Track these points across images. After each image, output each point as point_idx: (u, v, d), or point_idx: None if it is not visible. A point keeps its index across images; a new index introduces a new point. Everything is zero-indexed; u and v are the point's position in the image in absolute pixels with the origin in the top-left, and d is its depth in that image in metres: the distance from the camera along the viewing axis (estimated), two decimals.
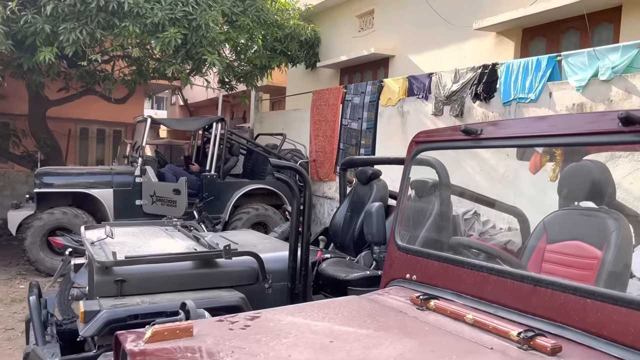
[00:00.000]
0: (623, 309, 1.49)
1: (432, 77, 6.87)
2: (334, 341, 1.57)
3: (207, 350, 1.45)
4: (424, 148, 2.41)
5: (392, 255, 2.37)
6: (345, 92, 8.73)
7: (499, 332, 1.61)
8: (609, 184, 2.60)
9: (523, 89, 5.58)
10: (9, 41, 6.80)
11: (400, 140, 7.42)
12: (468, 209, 4.26)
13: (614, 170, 2.58)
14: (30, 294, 3.20)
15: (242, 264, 3.14)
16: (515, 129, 1.99)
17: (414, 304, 1.94)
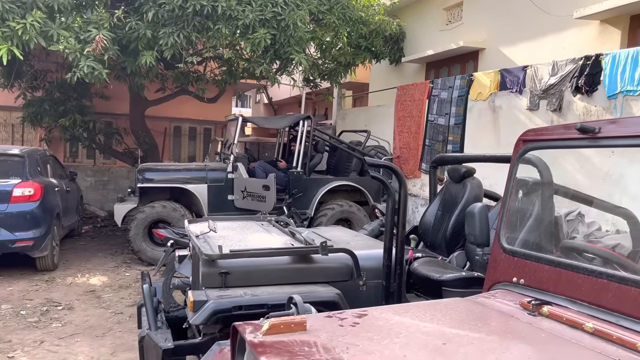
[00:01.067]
0: None
1: (527, 70, 6.56)
2: (447, 344, 1.56)
3: (322, 345, 1.49)
4: (533, 147, 2.31)
5: (497, 257, 2.30)
6: (431, 87, 8.56)
7: (624, 342, 1.51)
8: None
9: (632, 80, 5.18)
10: (116, 46, 7.32)
11: (491, 136, 7.16)
12: (571, 210, 4.02)
13: None
14: (144, 283, 3.45)
15: (337, 261, 3.19)
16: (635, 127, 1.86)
17: (524, 308, 1.87)
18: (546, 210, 2.76)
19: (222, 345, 2.08)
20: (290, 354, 1.43)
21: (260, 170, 7.76)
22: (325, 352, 1.44)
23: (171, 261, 4.64)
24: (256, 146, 10.64)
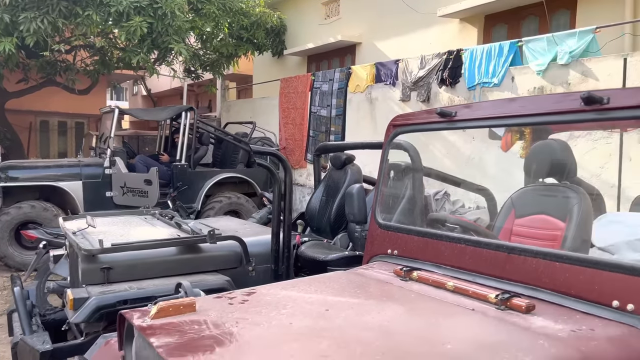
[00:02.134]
0: (587, 269, 1.66)
1: (399, 63, 7.03)
2: (330, 310, 1.69)
3: (212, 322, 1.54)
4: (402, 131, 2.54)
5: (374, 233, 2.50)
6: (313, 80, 8.80)
7: (478, 296, 1.76)
8: (570, 161, 2.80)
9: (487, 73, 5.80)
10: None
11: (370, 126, 7.58)
12: (438, 190, 4.45)
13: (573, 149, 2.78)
14: (14, 286, 3.20)
15: (226, 249, 3.23)
16: (488, 110, 2.14)
17: (397, 275, 2.07)
18: (416, 189, 3.03)
19: (107, 338, 2.03)
20: (180, 333, 1.46)
21: (141, 164, 7.44)
22: (215, 328, 1.49)
23: (44, 263, 4.33)
24: (135, 140, 10.15)
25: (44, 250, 4.59)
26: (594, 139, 4.60)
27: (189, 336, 1.44)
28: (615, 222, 2.71)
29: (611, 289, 1.57)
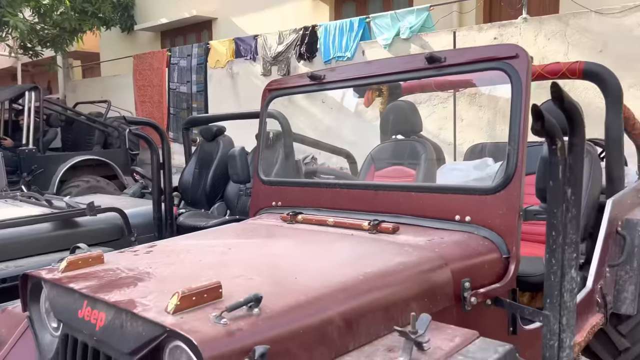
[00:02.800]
0: (435, 195, 2.08)
1: (258, 38, 7.24)
2: (231, 248, 1.89)
3: (126, 267, 1.65)
4: (276, 95, 2.78)
5: (258, 188, 2.73)
6: (170, 56, 8.63)
7: (354, 225, 2.09)
8: (417, 119, 3.31)
9: (340, 48, 6.29)
10: None
11: (233, 100, 7.71)
12: (306, 155, 4.80)
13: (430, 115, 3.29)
14: None
15: (106, 221, 3.21)
16: (351, 72, 2.47)
17: (284, 220, 2.34)
18: (288, 153, 3.31)
19: (3, 307, 2.00)
20: (98, 278, 1.56)
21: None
22: (130, 271, 1.62)
23: None
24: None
25: None
26: (433, 104, 5.32)
27: (107, 279, 1.55)
28: (453, 169, 3.28)
29: (453, 208, 2.01)
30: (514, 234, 1.84)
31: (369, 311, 1.45)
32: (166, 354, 1.25)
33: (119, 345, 1.31)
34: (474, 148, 3.61)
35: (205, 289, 1.30)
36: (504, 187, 1.87)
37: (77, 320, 1.47)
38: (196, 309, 1.26)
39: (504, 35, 5.00)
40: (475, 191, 1.97)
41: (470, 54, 2.05)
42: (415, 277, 1.63)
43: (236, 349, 1.15)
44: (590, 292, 2.34)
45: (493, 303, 1.80)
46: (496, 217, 1.88)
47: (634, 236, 2.56)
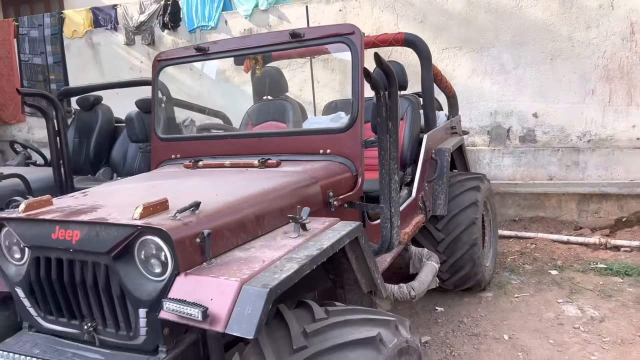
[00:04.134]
0: (304, 137, 2.83)
1: (118, 8, 7.29)
2: (156, 185, 2.44)
3: (78, 203, 2.13)
4: (165, 64, 3.27)
5: (156, 145, 3.24)
6: (17, 26, 8.20)
7: (247, 164, 2.75)
8: (284, 82, 4.00)
9: (204, 18, 6.69)
10: None
11: (95, 70, 7.68)
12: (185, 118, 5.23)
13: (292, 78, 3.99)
14: None
15: (9, 187, 3.45)
16: (231, 44, 3.06)
17: (187, 167, 2.91)
18: (171, 116, 3.80)
19: None
20: (60, 211, 2.03)
21: None
22: (84, 204, 2.10)
23: None
24: None
25: None
26: (293, 69, 6.06)
27: (69, 210, 2.03)
28: (314, 122, 4.05)
29: (318, 145, 2.76)
30: (359, 158, 2.66)
31: (269, 211, 2.15)
32: (136, 248, 1.82)
33: (97, 248, 1.83)
34: (329, 105, 4.43)
35: (157, 202, 1.88)
36: (351, 127, 2.67)
37: (51, 241, 1.94)
38: (155, 215, 1.84)
39: (347, 8, 5.87)
40: (332, 131, 2.75)
41: (322, 31, 2.79)
42: (297, 190, 2.36)
43: (191, 234, 1.77)
44: (414, 199, 3.30)
45: (349, 206, 2.62)
46: (347, 148, 2.68)
47: (442, 160, 3.59)
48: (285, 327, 1.78)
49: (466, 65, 5.45)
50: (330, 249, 1.94)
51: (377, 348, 1.71)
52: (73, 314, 2.00)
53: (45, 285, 2.00)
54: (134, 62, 7.30)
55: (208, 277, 1.68)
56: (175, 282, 1.71)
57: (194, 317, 1.56)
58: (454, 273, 3.64)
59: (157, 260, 1.78)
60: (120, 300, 1.85)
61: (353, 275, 2.30)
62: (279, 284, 1.61)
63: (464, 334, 3.34)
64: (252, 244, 1.99)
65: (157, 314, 1.76)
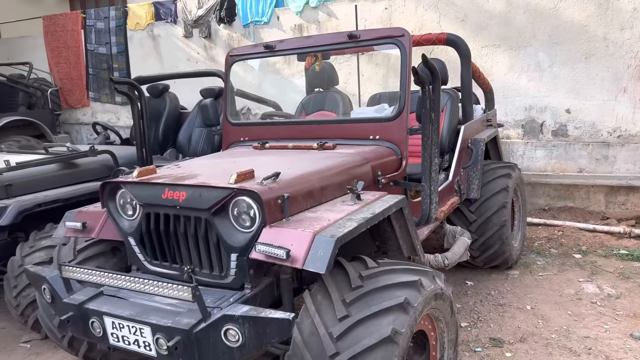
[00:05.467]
0: (355, 124, 3.29)
1: (177, 3, 7.88)
2: (235, 162, 2.96)
3: (178, 172, 2.66)
4: (237, 59, 3.78)
5: (227, 129, 3.76)
6: (84, 18, 8.91)
7: (307, 147, 3.24)
8: (335, 76, 4.47)
9: (257, 13, 7.20)
10: None
11: (155, 61, 8.31)
12: (243, 107, 5.79)
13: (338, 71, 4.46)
14: None
15: (99, 162, 4.06)
16: (295, 43, 3.55)
17: (256, 148, 3.42)
18: (233, 103, 4.31)
19: (72, 214, 2.85)
20: (167, 175, 2.55)
21: None
22: (185, 172, 2.63)
23: None
24: None
25: None
26: (339, 62, 6.50)
27: (174, 176, 2.56)
28: (361, 112, 4.50)
29: (368, 132, 3.23)
30: (404, 143, 3.11)
31: (330, 183, 2.63)
32: (231, 206, 2.32)
33: (200, 205, 2.35)
34: (373, 97, 4.87)
35: (246, 172, 2.39)
36: (398, 116, 3.12)
37: (161, 200, 2.47)
38: (246, 181, 2.35)
39: (392, 6, 6.27)
40: (381, 120, 3.21)
41: (376, 33, 3.24)
42: (351, 168, 2.83)
43: (274, 196, 2.26)
44: (451, 183, 3.73)
45: (394, 184, 3.08)
46: (394, 134, 3.14)
47: (478, 149, 3.99)
48: (344, 273, 2.26)
49: (504, 63, 5.79)
50: (381, 214, 2.40)
51: (418, 289, 2.17)
52: (174, 259, 2.53)
53: (154, 235, 2.53)
54: (191, 54, 7.90)
55: (288, 229, 2.17)
56: (262, 233, 2.21)
57: (280, 256, 2.05)
58: (483, 251, 4.05)
59: (247, 215, 2.28)
60: (216, 247, 2.37)
61: (396, 242, 2.76)
62: (343, 235, 2.08)
63: (490, 304, 3.76)
64: (318, 208, 2.48)
65: (245, 258, 2.28)
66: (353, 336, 1.99)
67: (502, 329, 3.39)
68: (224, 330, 2.02)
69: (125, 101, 8.48)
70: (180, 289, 2.03)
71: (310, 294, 2.21)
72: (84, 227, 2.70)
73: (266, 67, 6.78)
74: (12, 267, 3.28)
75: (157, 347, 2.15)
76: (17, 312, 3.34)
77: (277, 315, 1.96)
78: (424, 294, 2.18)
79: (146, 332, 2.17)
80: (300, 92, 6.07)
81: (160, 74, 5.41)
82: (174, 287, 2.05)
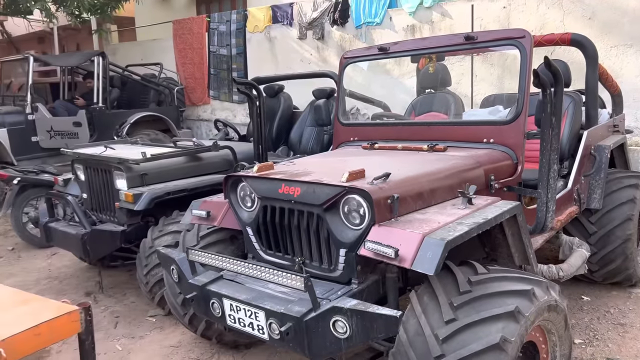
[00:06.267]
0: (468, 127, 3.23)
1: (294, 6, 8.20)
2: (345, 161, 3.06)
3: (293, 168, 2.81)
4: (351, 62, 3.88)
5: (338, 129, 3.88)
6: (209, 21, 9.57)
7: (417, 148, 3.25)
8: (447, 77, 4.41)
9: (370, 14, 7.28)
10: None
11: (270, 62, 8.72)
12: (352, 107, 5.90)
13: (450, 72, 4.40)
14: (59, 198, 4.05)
15: (220, 156, 4.38)
16: (409, 45, 3.57)
17: (365, 148, 3.50)
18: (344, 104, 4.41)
19: (197, 203, 3.13)
20: (282, 172, 2.71)
21: (62, 109, 7.82)
22: (299, 169, 2.77)
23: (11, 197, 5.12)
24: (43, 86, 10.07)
25: (17, 186, 5.29)
26: (452, 62, 6.38)
27: (289, 173, 2.71)
28: (473, 114, 4.39)
29: (482, 135, 3.16)
30: (521, 148, 3.00)
31: (440, 186, 2.62)
32: (342, 203, 2.42)
33: (313, 201, 2.47)
34: (487, 98, 4.72)
35: (357, 171, 2.46)
36: (515, 119, 3.02)
37: (278, 194, 2.62)
38: (357, 180, 2.43)
39: (512, 5, 6.01)
40: (497, 123, 3.13)
41: (494, 35, 3.16)
42: (463, 171, 2.80)
43: (384, 196, 2.32)
44: (570, 191, 3.52)
45: (508, 189, 2.99)
46: (510, 138, 3.04)
47: (602, 156, 3.73)
48: (452, 277, 2.25)
49: (635, 64, 5.31)
50: (493, 220, 2.35)
51: (530, 299, 2.10)
52: (287, 250, 2.68)
53: (270, 227, 2.70)
54: (304, 55, 8.19)
55: (397, 228, 2.21)
56: (371, 231, 2.27)
57: (388, 254, 2.10)
58: (603, 265, 3.77)
59: (357, 213, 2.36)
60: (326, 241, 2.48)
61: (507, 250, 2.67)
62: (453, 239, 2.08)
63: (609, 323, 3.50)
64: (427, 210, 2.49)
65: (353, 254, 2.36)
66: (459, 340, 1.98)
67: (621, 350, 3.15)
68: (333, 321, 2.12)
69: (242, 99, 8.99)
70: (293, 278, 2.16)
71: (417, 294, 2.24)
72: (208, 216, 2.95)
73: (376, 68, 6.84)
74: (144, 248, 3.67)
75: (270, 331, 2.30)
76: (146, 289, 3.72)
77: (385, 311, 2.02)
78: (536, 304, 2.11)
79: (260, 316, 2.33)
80: (410, 92, 6.04)
81: (276, 75, 5.69)
82: (288, 276, 2.19)
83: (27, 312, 1.76)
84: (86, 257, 4.44)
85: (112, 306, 4.15)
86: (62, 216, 4.35)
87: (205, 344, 3.44)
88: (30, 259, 5.34)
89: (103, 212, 4.05)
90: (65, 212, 4.37)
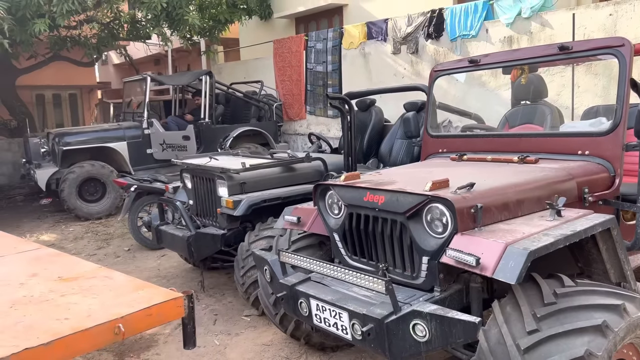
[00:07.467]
0: (562, 138, 3.14)
1: (388, 21, 8.34)
2: (431, 172, 3.11)
3: (379, 178, 2.92)
4: (441, 74, 3.93)
5: (427, 140, 3.93)
6: (307, 40, 9.99)
7: (507, 160, 3.21)
8: (543, 88, 4.28)
9: (465, 27, 7.22)
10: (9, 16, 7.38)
11: (364, 77, 8.91)
12: (444, 119, 5.89)
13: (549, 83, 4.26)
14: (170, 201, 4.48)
15: (312, 167, 4.60)
16: (500, 57, 3.55)
17: (453, 160, 3.52)
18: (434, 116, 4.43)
19: (289, 209, 3.35)
20: (367, 182, 2.83)
21: (173, 124, 8.58)
22: (384, 179, 2.88)
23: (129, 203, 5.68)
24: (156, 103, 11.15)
25: (134, 193, 5.86)
26: (552, 74, 6.14)
27: (374, 182, 2.82)
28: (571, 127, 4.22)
29: (576, 146, 3.06)
30: (619, 160, 2.87)
31: (527, 197, 2.59)
32: (425, 212, 2.48)
33: (396, 209, 2.56)
34: (589, 110, 4.50)
35: (441, 180, 2.52)
36: (613, 131, 2.90)
37: (363, 202, 2.74)
38: (440, 189, 2.48)
39: (618, 12, 5.68)
40: (593, 134, 3.02)
41: (590, 44, 3.07)
42: (553, 184, 2.74)
43: (467, 205, 2.35)
44: None
45: (604, 203, 2.87)
46: (607, 150, 2.92)
47: None
48: (537, 288, 2.22)
49: None
50: (583, 232, 2.29)
51: (620, 314, 2.03)
52: (371, 256, 2.79)
53: (355, 233, 2.83)
54: (398, 69, 8.28)
55: (480, 237, 2.24)
56: (453, 239, 2.32)
57: (469, 262, 2.14)
58: None
59: (440, 222, 2.42)
60: (409, 249, 2.56)
61: (602, 266, 2.57)
62: (537, 249, 2.07)
63: None
64: (513, 221, 2.48)
65: (435, 261, 2.41)
66: (542, 351, 1.97)
67: None
68: (413, 325, 2.19)
69: (336, 114, 9.25)
70: (375, 282, 2.27)
71: (500, 304, 2.24)
72: (299, 221, 3.14)
73: (471, 80, 6.75)
74: (241, 251, 3.96)
75: (353, 331, 2.42)
76: (243, 289, 4.00)
77: (464, 317, 2.06)
78: (627, 320, 2.03)
79: (344, 316, 2.46)
80: (505, 104, 5.89)
81: (368, 89, 5.84)
82: (370, 279, 2.30)
83: (141, 296, 2.04)
84: (190, 258, 4.85)
85: (212, 305, 4.49)
86: (171, 220, 4.79)
87: (294, 344, 3.63)
88: (143, 259, 5.91)
89: (206, 217, 4.42)
90: (173, 217, 4.81)
